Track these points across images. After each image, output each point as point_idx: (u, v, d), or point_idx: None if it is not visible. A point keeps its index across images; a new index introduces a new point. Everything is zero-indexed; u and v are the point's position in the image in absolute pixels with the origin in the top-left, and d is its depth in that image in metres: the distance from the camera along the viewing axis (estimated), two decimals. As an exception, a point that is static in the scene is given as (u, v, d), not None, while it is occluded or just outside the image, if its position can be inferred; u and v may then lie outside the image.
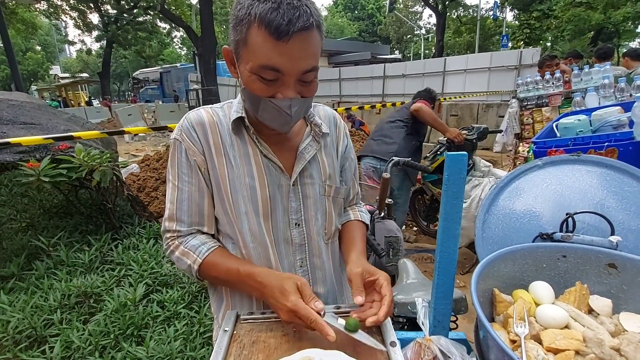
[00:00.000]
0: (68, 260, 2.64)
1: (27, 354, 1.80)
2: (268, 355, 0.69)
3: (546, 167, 1.02)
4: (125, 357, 1.73)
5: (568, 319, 0.72)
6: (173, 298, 2.22)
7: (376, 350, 0.70)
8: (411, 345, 0.75)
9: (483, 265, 0.77)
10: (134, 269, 2.50)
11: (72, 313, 2.11)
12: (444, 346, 0.70)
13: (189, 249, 0.84)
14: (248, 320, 0.80)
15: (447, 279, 0.74)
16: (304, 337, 0.74)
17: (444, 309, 0.77)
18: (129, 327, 1.94)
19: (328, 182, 0.90)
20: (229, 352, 0.71)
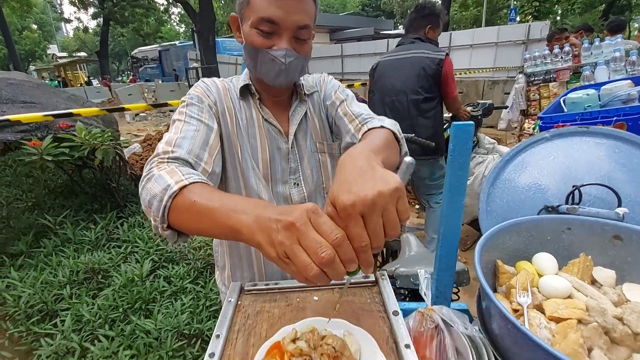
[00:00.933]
0: (75, 238, 2.68)
1: (39, 327, 1.86)
2: (272, 325, 0.71)
3: (554, 140, 1.00)
4: (135, 329, 1.78)
5: (571, 289, 0.72)
6: (179, 274, 2.27)
7: (379, 319, 0.71)
8: (413, 314, 0.76)
9: (487, 237, 0.77)
10: (140, 246, 2.55)
11: (81, 288, 2.16)
12: (446, 315, 0.70)
13: (178, 170, 0.64)
14: (252, 291, 0.81)
15: (450, 250, 0.74)
16: (307, 306, 0.75)
17: (447, 280, 0.77)
18: (137, 301, 1.99)
19: (320, 139, 0.96)
20: (234, 321, 0.73)
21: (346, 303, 0.76)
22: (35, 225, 2.94)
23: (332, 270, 0.44)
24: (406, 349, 0.62)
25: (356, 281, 0.82)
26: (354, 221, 0.45)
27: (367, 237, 0.46)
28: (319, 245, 0.43)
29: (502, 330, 0.59)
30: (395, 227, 0.48)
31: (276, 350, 0.60)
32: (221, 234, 0.56)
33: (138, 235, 2.67)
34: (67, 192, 3.80)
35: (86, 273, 2.28)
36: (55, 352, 1.71)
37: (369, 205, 0.45)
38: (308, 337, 0.61)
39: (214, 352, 0.64)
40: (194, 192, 0.59)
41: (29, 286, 2.09)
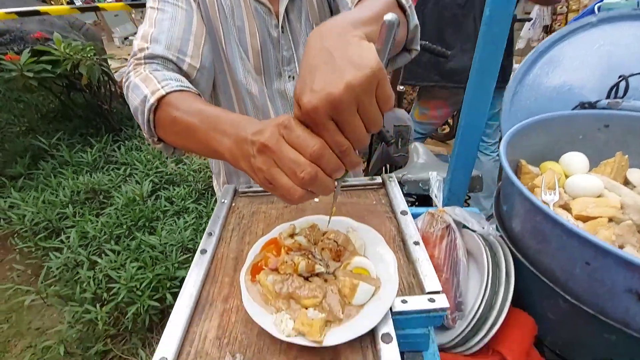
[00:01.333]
0: (72, 160, 2.64)
1: (46, 242, 1.90)
2: (269, 225, 0.65)
3: (600, 26, 0.84)
4: (140, 244, 1.82)
5: (602, 189, 0.64)
6: (180, 195, 2.25)
7: (385, 219, 0.64)
8: (422, 216, 0.70)
9: (513, 133, 0.67)
10: (139, 168, 2.51)
11: (83, 208, 2.17)
12: (459, 215, 0.64)
13: (153, 76, 0.57)
14: (247, 194, 0.75)
15: (469, 146, 0.65)
16: (308, 208, 0.69)
17: (462, 180, 0.69)
18: (140, 219, 2.01)
19: (317, 19, 0.80)
20: (228, 221, 0.67)
21: (350, 205, 0.69)
22: (30, 148, 2.88)
23: (318, 186, 0.39)
24: (415, 246, 0.56)
25: (360, 183, 0.74)
26: (323, 128, 0.37)
27: (345, 141, 0.38)
28: (296, 164, 0.38)
29: (526, 224, 0.53)
30: (377, 122, 0.38)
31: (273, 246, 0.54)
32: (208, 155, 0.53)
33: (136, 158, 2.61)
34: (60, 116, 3.67)
35: (87, 193, 2.27)
36: (65, 264, 1.77)
37: (336, 106, 0.36)
38: (308, 232, 0.55)
39: (206, 248, 0.59)
40: (173, 106, 0.54)
41: (31, 205, 2.09)
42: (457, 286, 0.61)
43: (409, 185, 0.91)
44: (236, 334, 0.46)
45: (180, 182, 2.47)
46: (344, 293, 0.45)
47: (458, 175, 0.68)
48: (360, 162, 0.41)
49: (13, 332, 1.74)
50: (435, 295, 0.48)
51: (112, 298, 1.60)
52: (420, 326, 0.48)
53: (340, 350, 0.43)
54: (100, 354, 1.58)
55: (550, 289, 0.50)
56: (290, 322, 0.43)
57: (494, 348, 0.56)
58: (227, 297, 0.51)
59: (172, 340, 0.44)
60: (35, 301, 1.66)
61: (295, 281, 0.46)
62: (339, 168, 0.39)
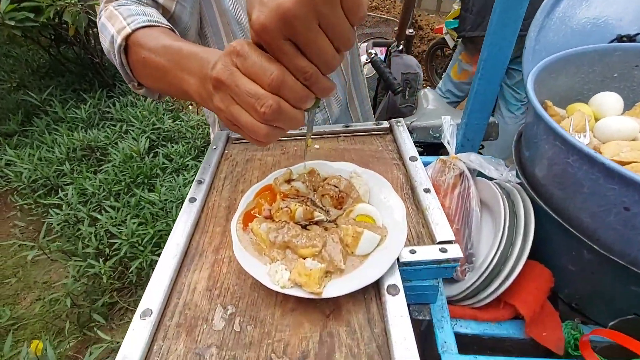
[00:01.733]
0: (66, 116, 2.55)
1: (46, 200, 1.88)
2: (265, 172, 0.59)
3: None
4: (140, 201, 1.79)
5: (637, 132, 0.57)
6: (179, 152, 2.20)
7: (392, 166, 0.58)
8: (433, 163, 0.64)
9: (541, 68, 0.59)
10: (135, 125, 2.42)
11: (80, 165, 2.13)
12: (475, 162, 0.58)
13: (119, 12, 0.52)
14: (241, 140, 0.68)
15: (491, 81, 0.57)
16: (308, 153, 0.63)
17: (479, 124, 0.62)
18: (139, 176, 1.97)
19: None
20: (220, 169, 0.61)
21: (353, 151, 0.63)
22: (23, 105, 2.78)
23: (284, 120, 0.34)
24: (425, 193, 0.51)
25: (365, 129, 0.67)
26: (279, 50, 0.31)
27: (309, 65, 0.31)
28: (255, 97, 0.32)
29: (553, 168, 0.47)
30: (346, 38, 0.31)
31: (267, 192, 0.49)
32: (184, 98, 0.47)
33: (132, 114, 2.52)
34: (51, 72, 3.53)
35: (83, 150, 2.22)
36: (65, 220, 1.76)
37: (290, 21, 0.28)
38: (306, 178, 0.49)
39: (195, 197, 0.54)
40: (141, 45, 0.49)
41: (27, 163, 2.05)
42: (469, 237, 0.56)
43: (418, 132, 0.84)
44: (228, 285, 0.42)
45: (179, 139, 2.40)
46: (346, 242, 0.41)
47: (475, 119, 0.61)
48: (334, 87, 0.35)
49: (21, 285, 1.78)
50: (447, 245, 0.43)
51: (115, 253, 1.60)
52: (429, 278, 0.44)
53: (342, 302, 0.39)
54: (107, 306, 1.62)
55: (574, 238, 0.45)
56: (285, 272, 0.38)
57: (505, 301, 0.52)
58: (219, 248, 0.47)
59: (158, 291, 0.41)
60: (39, 256, 1.67)
61: (291, 229, 0.41)
62: (306, 97, 0.33)
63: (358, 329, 0.37)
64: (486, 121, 0.62)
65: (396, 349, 0.34)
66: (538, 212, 0.52)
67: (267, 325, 0.38)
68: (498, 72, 0.56)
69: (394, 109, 1.34)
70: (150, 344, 0.37)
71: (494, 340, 0.53)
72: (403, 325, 0.35)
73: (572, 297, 0.53)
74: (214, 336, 0.37)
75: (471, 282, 0.52)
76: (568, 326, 0.51)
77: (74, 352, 1.48)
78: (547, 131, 0.47)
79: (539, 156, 0.50)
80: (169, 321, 0.39)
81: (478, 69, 0.58)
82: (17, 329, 1.58)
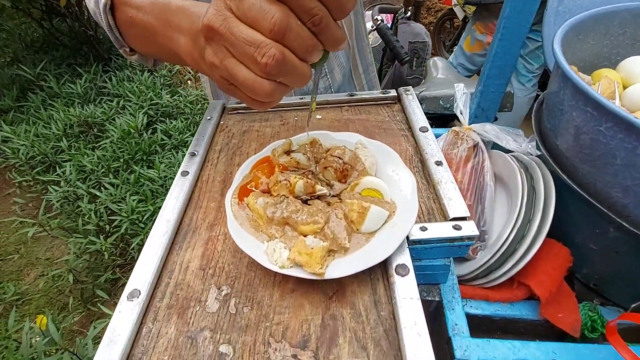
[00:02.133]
0: (62, 91, 2.49)
1: (44, 176, 1.86)
2: (263, 144, 0.55)
3: None
4: (139, 178, 1.76)
5: (670, 99, 0.52)
6: (178, 128, 2.14)
7: (400, 137, 0.54)
8: (444, 135, 0.59)
9: (568, 27, 0.53)
10: (132, 100, 2.36)
11: (78, 141, 2.08)
12: (491, 133, 0.53)
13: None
14: (238, 111, 0.64)
15: (511, 44, 0.51)
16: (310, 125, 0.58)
17: (495, 92, 0.57)
18: (137, 152, 1.93)
19: None
20: (215, 141, 0.57)
21: (358, 122, 0.58)
22: (17, 80, 2.71)
23: (288, 73, 0.28)
24: (437, 166, 0.47)
25: (371, 97, 0.62)
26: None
27: (318, 6, 0.26)
28: (254, 45, 0.27)
29: (580, 138, 0.42)
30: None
31: (265, 165, 0.45)
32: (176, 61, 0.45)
33: (129, 89, 2.45)
34: (45, 46, 3.43)
35: (80, 126, 2.17)
36: (65, 197, 1.74)
37: None
38: (307, 148, 0.45)
39: (188, 170, 0.50)
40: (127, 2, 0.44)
41: (24, 139, 2.01)
42: (482, 214, 0.52)
43: (427, 102, 0.79)
44: (223, 264, 0.39)
45: (177, 114, 2.34)
46: (351, 218, 0.37)
47: (492, 86, 0.56)
48: (345, 39, 0.30)
49: (24, 262, 1.79)
50: (461, 222, 0.40)
51: (115, 230, 1.59)
52: (440, 257, 0.41)
53: (346, 283, 0.36)
54: (110, 282, 1.62)
55: (600, 215, 0.42)
56: (284, 251, 0.35)
57: (519, 280, 0.49)
58: (213, 224, 0.44)
59: (147, 271, 0.38)
60: (40, 233, 1.66)
61: (291, 204, 0.38)
62: (314, 46, 0.28)
63: (363, 312, 0.34)
64: (504, 89, 0.57)
65: (405, 334, 0.31)
66: (559, 186, 0.48)
67: (264, 307, 0.35)
68: (520, 31, 0.50)
69: (400, 80, 1.27)
70: (139, 326, 0.34)
71: (505, 321, 0.50)
72: (413, 309, 0.32)
73: (590, 277, 0.50)
74: (208, 318, 0.34)
75: (483, 261, 0.49)
76: (585, 307, 0.48)
77: (79, 327, 1.50)
78: (576, 96, 0.42)
79: (564, 125, 0.46)
80: (159, 302, 0.36)
81: (498, 29, 0.52)
82: (22, 304, 1.59)
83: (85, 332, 1.45)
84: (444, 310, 0.43)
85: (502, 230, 0.49)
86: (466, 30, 1.99)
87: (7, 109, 2.44)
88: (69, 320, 1.45)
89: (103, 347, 0.32)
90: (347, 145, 0.46)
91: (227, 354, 0.32)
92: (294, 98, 0.63)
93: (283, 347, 0.32)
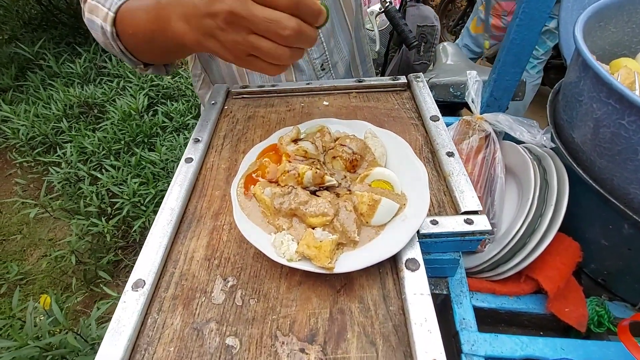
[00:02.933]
0: (61, 71, 2.44)
1: (45, 157, 1.84)
2: (268, 131, 0.53)
3: None
4: (140, 160, 1.75)
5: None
6: (179, 110, 2.11)
7: (410, 126, 0.52)
8: (454, 125, 0.58)
9: (590, 13, 0.50)
10: (132, 81, 2.32)
11: (79, 122, 2.06)
12: (504, 123, 0.51)
13: (96, 1, 0.50)
14: (242, 95, 0.62)
15: (530, 30, 0.49)
16: (315, 112, 0.57)
17: (510, 80, 0.55)
18: (138, 134, 1.91)
19: None
20: (219, 127, 0.56)
21: (366, 109, 0.57)
22: (16, 59, 2.66)
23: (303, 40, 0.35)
24: (448, 157, 0.45)
25: (380, 84, 0.60)
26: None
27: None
28: (276, 22, 0.33)
29: (599, 131, 0.41)
30: None
31: (272, 153, 0.43)
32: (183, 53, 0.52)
33: (129, 70, 2.41)
34: (44, 24, 3.36)
35: (80, 107, 2.14)
36: (66, 179, 1.73)
37: None
38: (315, 137, 0.44)
39: (192, 157, 0.49)
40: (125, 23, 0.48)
41: (23, 119, 1.99)
42: (491, 206, 0.51)
43: (437, 90, 0.76)
44: (228, 254, 0.38)
45: (178, 96, 2.30)
46: (361, 211, 0.36)
47: (507, 73, 0.54)
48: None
49: (27, 242, 1.80)
50: (473, 216, 0.39)
51: (117, 212, 1.59)
52: (450, 251, 0.40)
53: (354, 276, 0.35)
54: (112, 263, 1.64)
55: (616, 211, 0.41)
56: (292, 244, 0.34)
57: (527, 274, 0.49)
58: (218, 213, 0.43)
59: (152, 260, 0.37)
60: (42, 214, 1.66)
61: (299, 195, 0.37)
62: (319, 12, 0.34)
63: (372, 306, 0.33)
64: (519, 77, 0.55)
65: (415, 331, 0.30)
66: (571, 180, 0.46)
67: (271, 299, 0.34)
68: (541, 17, 0.48)
69: (407, 65, 1.24)
70: (144, 317, 0.34)
71: (511, 314, 0.50)
72: (423, 304, 0.32)
73: (599, 273, 0.49)
74: (214, 310, 0.34)
75: (492, 255, 0.48)
76: (593, 302, 0.47)
77: (82, 307, 1.52)
78: (597, 87, 0.40)
79: (582, 117, 0.44)
80: (164, 293, 0.36)
81: (516, 15, 0.49)
82: (26, 284, 1.61)
83: (88, 312, 1.47)
84: (451, 303, 0.43)
85: (512, 223, 0.48)
86: (474, 11, 1.93)
87: (6, 88, 2.40)
88: (72, 301, 1.47)
89: (108, 337, 0.31)
90: (357, 133, 0.45)
91: (234, 346, 0.31)
92: (300, 83, 0.61)
93: (290, 341, 0.31)
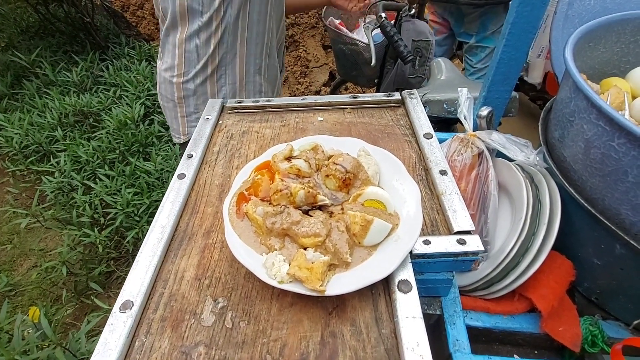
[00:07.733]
0: (57, 79, 2.44)
1: (38, 166, 1.83)
2: (262, 147, 0.53)
3: None
4: (135, 170, 1.74)
5: (680, 111, 0.51)
6: (175, 120, 2.11)
7: (403, 142, 0.53)
8: (447, 142, 0.58)
9: (581, 34, 0.51)
10: (129, 90, 2.32)
11: (73, 131, 2.05)
12: (497, 141, 0.52)
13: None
14: (237, 110, 0.62)
15: (517, 50, 0.50)
16: (309, 127, 0.57)
17: (501, 96, 0.56)
18: (134, 144, 1.90)
19: None
20: (213, 142, 0.56)
21: (360, 125, 0.57)
22: (12, 67, 2.66)
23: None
24: (441, 176, 0.46)
25: (374, 100, 0.61)
26: None
27: None
28: None
29: (590, 152, 0.41)
30: None
31: (265, 171, 0.43)
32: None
33: (126, 79, 2.41)
34: (41, 32, 3.37)
35: (76, 116, 2.14)
36: (59, 188, 1.71)
37: None
38: (308, 155, 0.44)
39: (185, 173, 0.48)
40: None
41: (17, 127, 1.97)
42: (485, 224, 0.51)
43: (431, 106, 0.77)
44: (219, 274, 0.38)
45: (175, 106, 2.30)
46: (354, 231, 0.36)
47: (496, 92, 0.55)
48: None
49: (17, 252, 1.77)
50: (466, 236, 0.38)
51: (110, 223, 1.57)
52: (443, 271, 0.40)
53: (346, 298, 0.35)
54: (104, 275, 1.61)
55: (607, 231, 0.41)
56: (284, 265, 0.34)
57: (521, 293, 0.48)
58: (210, 231, 0.42)
59: (141, 280, 0.36)
60: (34, 224, 1.64)
61: (292, 214, 0.36)
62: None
63: (364, 329, 0.33)
64: (509, 95, 0.55)
65: (407, 356, 0.30)
66: (564, 200, 0.47)
67: (262, 321, 0.34)
68: (527, 37, 0.49)
69: (402, 79, 1.25)
70: (131, 340, 0.33)
71: (505, 334, 0.49)
72: (415, 328, 0.31)
73: (592, 292, 0.49)
74: (203, 333, 0.33)
75: (485, 273, 0.48)
76: (587, 322, 0.47)
77: (72, 319, 1.49)
78: (587, 109, 0.40)
79: (573, 137, 0.44)
80: (153, 314, 0.35)
81: (503, 34, 0.50)
82: (15, 295, 1.58)
83: (78, 324, 1.44)
84: (445, 324, 0.42)
85: (505, 241, 0.48)
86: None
87: (1, 95, 2.39)
88: (62, 313, 1.44)
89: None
90: (351, 151, 0.45)
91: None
92: (295, 99, 0.62)
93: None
